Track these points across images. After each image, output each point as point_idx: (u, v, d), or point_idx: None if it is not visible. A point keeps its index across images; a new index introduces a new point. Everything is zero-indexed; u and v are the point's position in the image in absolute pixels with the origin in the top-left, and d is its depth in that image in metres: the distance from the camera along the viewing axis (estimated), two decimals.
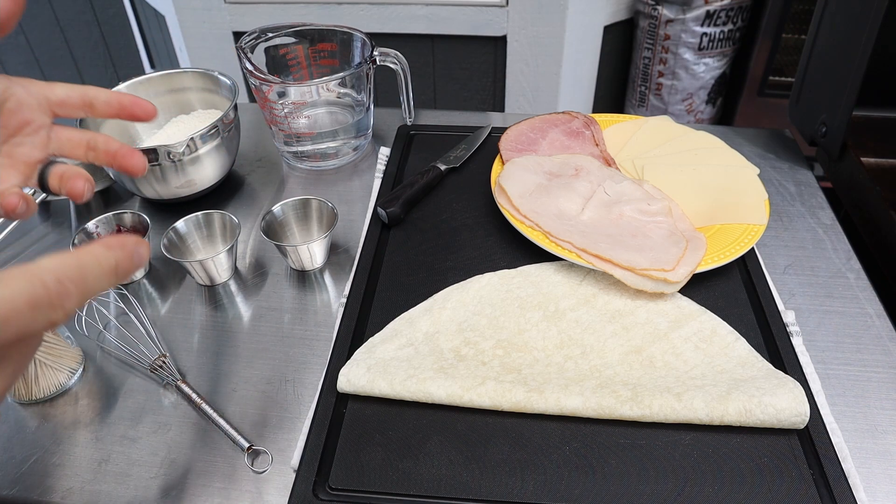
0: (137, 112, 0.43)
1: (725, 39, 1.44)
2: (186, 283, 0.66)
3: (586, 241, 0.61)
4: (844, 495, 0.45)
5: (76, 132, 0.43)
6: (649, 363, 0.53)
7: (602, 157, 0.74)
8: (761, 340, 0.56)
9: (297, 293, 0.65)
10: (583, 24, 1.45)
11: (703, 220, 0.65)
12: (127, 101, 0.43)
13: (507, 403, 0.50)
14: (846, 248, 0.68)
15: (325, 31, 0.80)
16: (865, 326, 0.60)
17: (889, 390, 0.55)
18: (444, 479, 0.47)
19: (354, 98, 0.80)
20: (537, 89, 1.54)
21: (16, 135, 0.40)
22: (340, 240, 0.70)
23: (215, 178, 0.74)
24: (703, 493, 0.46)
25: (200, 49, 1.57)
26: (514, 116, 0.85)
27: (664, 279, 0.57)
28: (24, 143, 0.40)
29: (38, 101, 0.40)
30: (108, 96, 0.42)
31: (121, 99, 0.43)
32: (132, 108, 0.43)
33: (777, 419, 0.48)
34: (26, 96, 0.39)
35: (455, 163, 0.77)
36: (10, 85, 0.39)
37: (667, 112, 1.54)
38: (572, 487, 0.46)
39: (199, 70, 0.78)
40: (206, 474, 0.50)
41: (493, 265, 0.63)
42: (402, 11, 1.45)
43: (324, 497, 0.46)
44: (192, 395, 0.55)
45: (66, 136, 0.42)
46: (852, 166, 0.73)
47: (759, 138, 0.84)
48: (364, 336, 0.57)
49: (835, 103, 0.73)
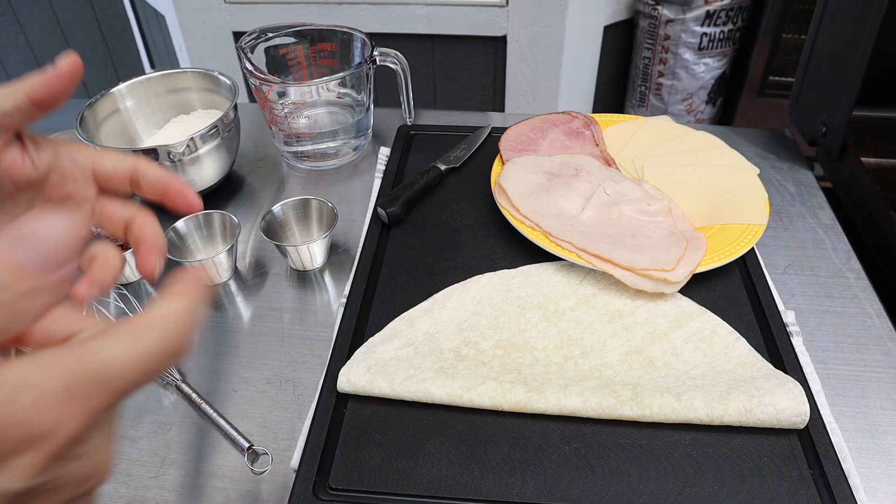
0: (180, 204, 0.40)
1: (725, 39, 1.44)
2: None
3: (586, 241, 0.61)
4: (844, 495, 0.45)
5: (118, 208, 0.40)
6: (649, 363, 0.53)
7: (602, 157, 0.74)
8: (761, 340, 0.56)
9: (297, 293, 0.65)
10: (583, 24, 1.45)
11: (703, 220, 0.65)
12: (173, 190, 0.40)
13: (507, 403, 0.50)
14: (846, 248, 0.68)
15: (325, 31, 0.80)
16: (865, 326, 0.60)
17: (889, 390, 0.55)
18: (444, 479, 0.47)
19: (354, 98, 0.80)
20: (537, 89, 1.54)
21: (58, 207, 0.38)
22: (340, 240, 0.70)
23: (215, 178, 0.74)
24: (703, 493, 0.46)
25: (200, 49, 1.57)
26: (514, 116, 0.85)
27: (664, 279, 0.57)
28: None
29: (83, 175, 0.38)
30: (157, 177, 0.40)
31: (169, 183, 0.40)
32: (175, 198, 0.40)
33: (777, 419, 0.48)
34: (72, 168, 0.38)
35: (455, 163, 0.77)
36: (57, 156, 0.37)
37: (667, 112, 1.54)
38: (572, 487, 0.46)
39: (199, 70, 0.78)
40: (206, 474, 0.50)
41: (493, 265, 0.63)
42: (402, 11, 1.45)
43: (324, 497, 0.46)
44: (192, 395, 0.55)
45: (108, 213, 0.40)
46: (852, 166, 0.73)
47: (759, 138, 0.84)
48: (364, 336, 0.57)
49: (835, 103, 0.73)
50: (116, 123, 0.76)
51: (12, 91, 0.33)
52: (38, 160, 0.36)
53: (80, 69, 0.34)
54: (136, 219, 0.40)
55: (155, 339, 0.26)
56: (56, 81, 0.33)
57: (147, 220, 0.40)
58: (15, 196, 0.36)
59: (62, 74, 0.34)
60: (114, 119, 0.76)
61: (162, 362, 0.26)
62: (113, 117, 0.76)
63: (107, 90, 0.76)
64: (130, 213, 0.40)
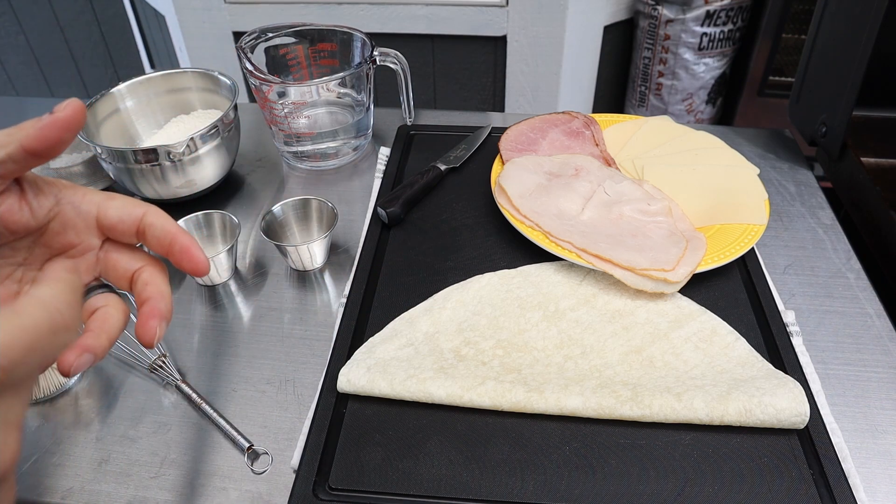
0: (184, 264, 0.36)
1: (725, 39, 1.44)
2: (186, 283, 0.66)
3: (586, 241, 0.61)
4: (844, 495, 0.45)
5: (125, 258, 0.37)
6: (649, 363, 0.53)
7: (602, 157, 0.74)
8: (761, 340, 0.56)
9: (297, 293, 0.65)
10: (583, 24, 1.45)
11: (703, 220, 0.65)
12: (178, 247, 0.36)
13: (507, 403, 0.50)
14: (846, 248, 0.68)
15: (325, 31, 0.80)
16: (865, 326, 0.60)
17: (889, 390, 0.55)
18: (444, 479, 0.47)
19: (354, 98, 0.80)
20: (537, 89, 1.54)
21: (59, 255, 0.36)
22: (340, 240, 0.70)
23: (215, 178, 0.74)
24: (703, 493, 0.46)
25: (200, 49, 1.57)
26: (514, 116, 0.85)
27: (664, 279, 0.57)
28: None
29: (86, 223, 0.35)
30: (164, 231, 0.36)
31: (175, 238, 0.36)
32: (180, 255, 0.36)
33: (777, 419, 0.48)
34: (74, 216, 0.35)
35: (455, 163, 0.77)
36: (60, 202, 0.34)
37: (667, 112, 1.54)
38: (572, 487, 0.46)
39: (199, 70, 0.78)
40: (206, 474, 0.50)
41: (493, 265, 0.63)
42: (402, 11, 1.45)
43: (324, 497, 0.46)
44: (192, 395, 0.55)
45: (113, 263, 0.37)
46: (852, 166, 0.73)
47: (759, 138, 0.84)
48: (364, 336, 0.57)
49: (835, 103, 0.73)
50: (116, 123, 0.76)
51: (6, 139, 0.31)
52: (37, 208, 0.34)
53: (82, 117, 0.31)
54: (143, 273, 0.36)
55: (35, 316, 0.26)
56: (52, 131, 0.31)
57: (154, 275, 0.36)
58: (14, 243, 0.34)
59: (59, 123, 0.31)
60: (114, 119, 0.76)
61: (45, 338, 0.26)
62: (113, 117, 0.76)
63: (107, 90, 0.76)
64: (138, 265, 0.36)
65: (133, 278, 0.36)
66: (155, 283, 0.36)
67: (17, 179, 0.33)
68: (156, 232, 0.36)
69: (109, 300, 0.35)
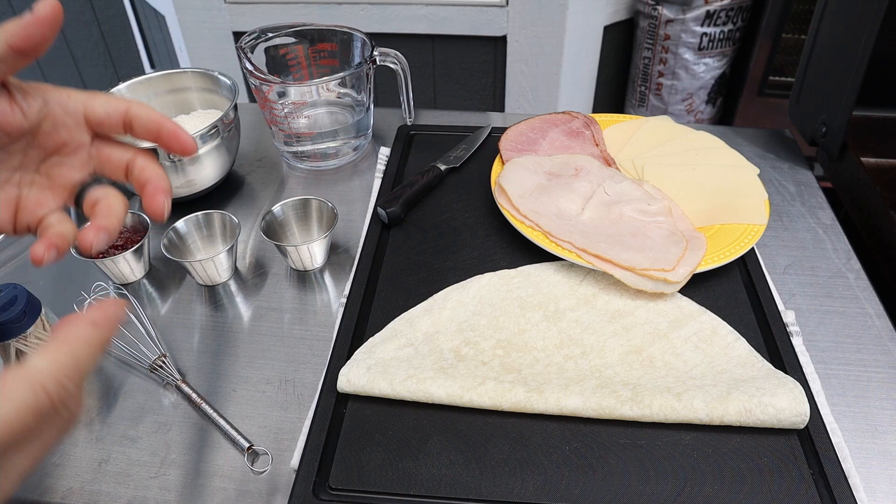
0: (173, 145, 0.39)
1: (725, 39, 1.44)
2: (186, 283, 0.66)
3: (586, 241, 0.61)
4: (844, 495, 0.45)
5: (117, 151, 0.39)
6: (649, 363, 0.53)
7: (602, 157, 0.74)
8: (761, 340, 0.56)
9: (297, 293, 0.65)
10: (583, 24, 1.45)
11: (703, 220, 0.65)
12: (166, 132, 0.39)
13: (507, 403, 0.50)
14: (846, 248, 0.68)
15: (325, 31, 0.80)
16: (865, 326, 0.60)
17: (889, 390, 0.55)
18: (444, 479, 0.47)
19: (354, 98, 0.80)
20: (537, 89, 1.54)
21: (53, 155, 0.38)
22: (340, 240, 0.70)
23: (215, 178, 0.74)
24: (703, 493, 0.46)
25: (200, 49, 1.57)
26: (514, 116, 0.85)
27: (664, 279, 0.57)
28: (64, 162, 0.38)
29: (75, 121, 0.37)
30: (149, 119, 0.39)
31: (161, 124, 0.39)
32: (169, 139, 0.39)
33: (777, 419, 0.48)
34: (63, 115, 0.37)
35: (455, 163, 0.77)
36: (48, 102, 0.36)
37: (667, 112, 1.54)
38: (572, 487, 0.46)
39: (199, 70, 0.78)
40: (206, 474, 0.50)
41: (493, 265, 0.63)
42: (402, 11, 1.45)
43: (324, 497, 0.46)
44: (192, 395, 0.55)
45: (106, 157, 0.39)
46: (852, 166, 0.73)
47: (759, 138, 0.84)
48: (364, 336, 0.57)
49: (835, 103, 0.73)
50: None
51: None
52: (27, 109, 0.35)
53: (60, 14, 0.33)
54: (137, 160, 0.39)
55: (23, 396, 0.25)
56: (35, 28, 0.32)
57: (147, 161, 0.39)
58: (9, 147, 0.35)
59: (40, 20, 0.32)
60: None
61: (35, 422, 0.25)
62: None
63: (107, 90, 0.76)
64: (130, 156, 0.39)
65: (128, 167, 0.39)
66: (151, 167, 0.39)
67: (4, 84, 0.34)
68: (142, 121, 0.39)
69: (107, 192, 0.37)
